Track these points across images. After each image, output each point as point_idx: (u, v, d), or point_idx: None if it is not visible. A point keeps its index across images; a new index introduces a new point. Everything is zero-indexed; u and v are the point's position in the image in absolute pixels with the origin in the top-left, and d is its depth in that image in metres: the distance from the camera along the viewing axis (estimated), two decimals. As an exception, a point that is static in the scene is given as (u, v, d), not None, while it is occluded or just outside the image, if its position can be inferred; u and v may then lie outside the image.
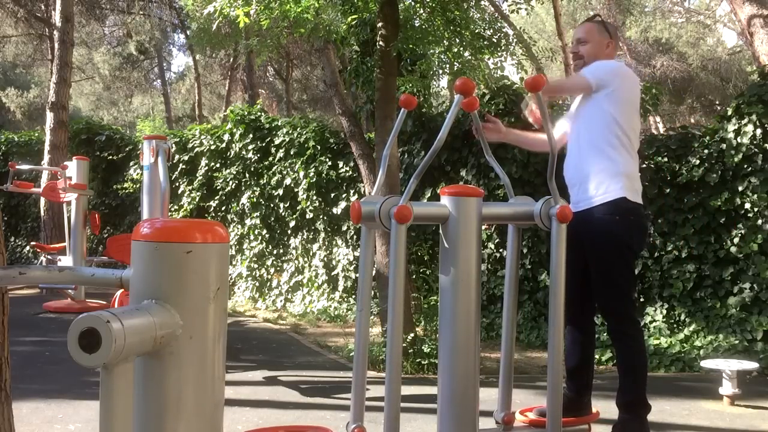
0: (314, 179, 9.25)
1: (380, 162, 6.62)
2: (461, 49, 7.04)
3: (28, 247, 12.74)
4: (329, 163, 9.24)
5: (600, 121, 3.14)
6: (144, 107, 34.34)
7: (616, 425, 3.03)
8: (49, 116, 11.91)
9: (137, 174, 11.39)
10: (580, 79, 3.20)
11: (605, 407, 4.28)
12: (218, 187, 10.58)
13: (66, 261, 8.86)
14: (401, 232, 2.50)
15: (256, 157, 10.11)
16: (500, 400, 2.91)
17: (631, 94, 3.20)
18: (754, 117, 6.51)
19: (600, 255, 3.09)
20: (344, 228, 9.16)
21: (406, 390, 5.25)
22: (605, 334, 5.41)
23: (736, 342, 6.27)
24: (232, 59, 22.67)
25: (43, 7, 19.99)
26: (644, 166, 6.83)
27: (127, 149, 12.10)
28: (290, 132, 9.81)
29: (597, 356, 6.40)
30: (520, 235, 3.04)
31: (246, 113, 10.43)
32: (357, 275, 8.92)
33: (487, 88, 8.10)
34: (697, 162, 6.77)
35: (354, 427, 2.65)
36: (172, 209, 10.73)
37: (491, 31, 7.18)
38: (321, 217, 9.34)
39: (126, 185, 11.75)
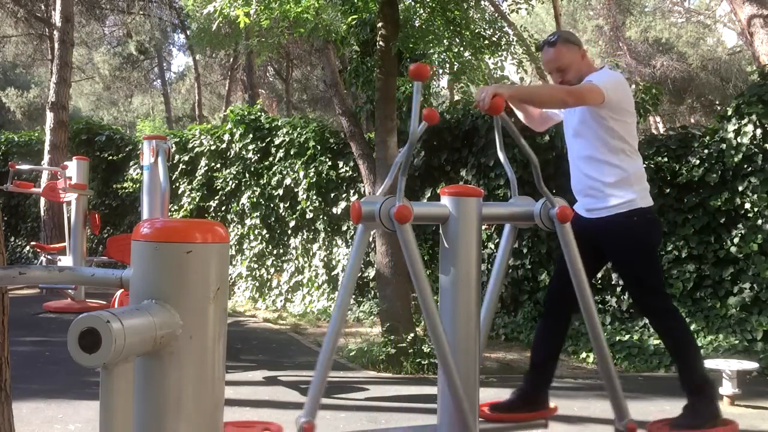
0: (314, 179, 9.25)
1: (380, 162, 6.63)
2: (461, 49, 7.05)
3: (28, 247, 12.73)
4: (329, 163, 9.24)
5: (604, 133, 3.14)
6: (144, 107, 34.34)
7: (687, 406, 3.11)
8: (49, 116, 11.91)
9: (137, 174, 11.39)
10: (594, 87, 3.06)
11: (606, 407, 4.27)
12: (218, 187, 10.58)
13: (66, 261, 8.85)
14: (407, 232, 2.48)
15: (256, 157, 10.11)
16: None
17: (629, 104, 3.21)
18: (754, 117, 6.51)
19: (626, 258, 3.19)
20: (344, 228, 9.16)
21: (406, 390, 5.25)
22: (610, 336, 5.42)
23: (736, 342, 6.27)
24: (232, 59, 22.67)
25: (43, 7, 19.98)
26: (644, 166, 6.82)
27: (127, 149, 12.10)
28: (290, 132, 9.81)
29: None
30: (515, 235, 3.04)
31: (246, 113, 10.43)
32: (357, 275, 8.92)
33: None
34: (697, 162, 6.76)
35: (303, 422, 2.61)
36: (172, 209, 10.72)
37: (491, 30, 7.18)
38: (321, 217, 9.34)
39: (126, 185, 11.75)
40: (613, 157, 3.14)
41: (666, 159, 6.95)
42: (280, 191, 9.71)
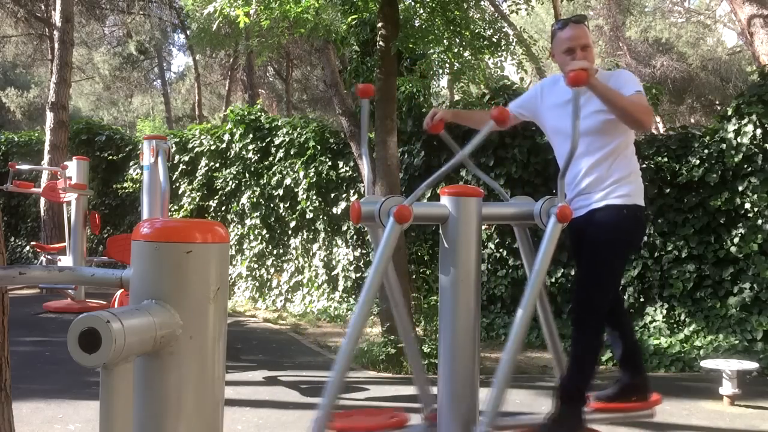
0: (314, 179, 9.25)
1: (380, 161, 6.63)
2: (461, 49, 7.04)
3: (28, 247, 12.73)
4: (329, 163, 9.24)
5: (602, 134, 3.11)
6: (144, 107, 34.34)
7: (553, 414, 2.99)
8: (49, 116, 11.90)
9: (137, 174, 11.39)
10: (644, 100, 3.01)
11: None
12: (218, 187, 10.58)
13: (66, 261, 8.86)
14: (395, 231, 2.49)
15: (256, 157, 10.11)
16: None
17: None
18: (754, 117, 6.51)
19: (596, 246, 3.03)
20: (344, 228, 9.16)
21: (406, 390, 5.25)
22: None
23: (736, 342, 6.27)
24: (232, 59, 22.66)
25: (43, 7, 19.98)
26: (644, 166, 6.83)
27: (127, 149, 12.10)
28: (290, 132, 9.81)
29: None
30: (526, 233, 3.03)
31: (246, 113, 10.43)
32: (357, 275, 8.92)
33: (487, 88, 8.09)
34: (697, 162, 6.76)
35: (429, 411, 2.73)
36: (172, 209, 10.72)
37: (491, 31, 7.18)
38: (321, 217, 9.34)
39: (126, 185, 11.75)
40: (611, 157, 3.12)
41: (666, 159, 6.95)
42: (280, 191, 9.71)
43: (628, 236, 3.09)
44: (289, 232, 9.81)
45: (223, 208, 10.64)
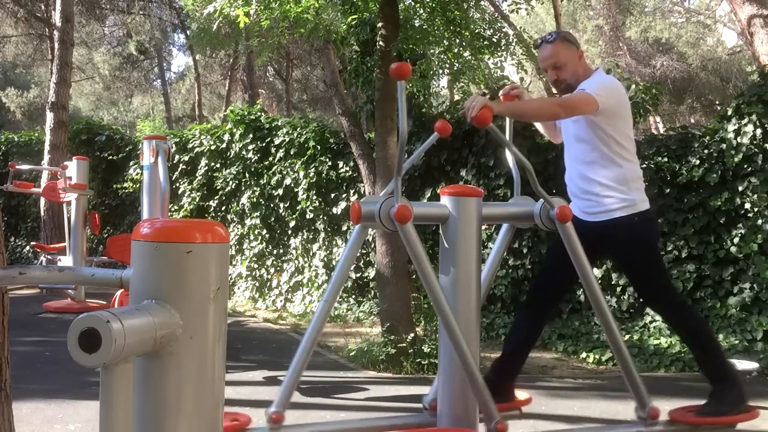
0: (314, 179, 9.25)
1: (380, 161, 6.63)
2: (461, 49, 7.05)
3: (28, 247, 12.73)
4: (329, 163, 9.24)
5: (601, 139, 3.15)
6: (144, 107, 34.34)
7: (712, 394, 3.14)
8: (49, 116, 11.90)
9: (137, 174, 11.39)
10: (586, 97, 3.04)
11: (606, 407, 4.29)
12: (218, 187, 10.58)
13: (66, 261, 8.85)
14: (409, 232, 2.48)
15: (256, 157, 10.11)
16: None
17: (624, 108, 3.21)
18: (754, 117, 6.51)
19: (632, 259, 3.25)
20: (344, 228, 9.16)
21: (406, 390, 5.25)
22: (604, 334, 5.42)
23: (736, 342, 6.27)
24: (232, 59, 22.67)
25: (43, 7, 19.98)
26: (644, 166, 6.82)
27: (127, 149, 12.10)
28: (290, 132, 9.81)
29: (597, 356, 6.40)
30: (512, 234, 3.05)
31: (246, 113, 10.43)
32: (357, 275, 8.92)
33: (487, 88, 8.09)
34: (697, 162, 6.76)
35: (272, 413, 2.67)
36: (172, 209, 10.73)
37: (491, 31, 7.18)
38: (321, 217, 9.34)
39: (126, 185, 11.75)
40: (611, 161, 3.14)
41: (666, 159, 6.95)
42: (280, 191, 9.71)
43: (647, 239, 3.24)
44: (289, 232, 9.81)
45: (223, 208, 10.64)
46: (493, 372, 3.24)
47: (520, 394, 3.27)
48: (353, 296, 8.94)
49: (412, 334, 6.27)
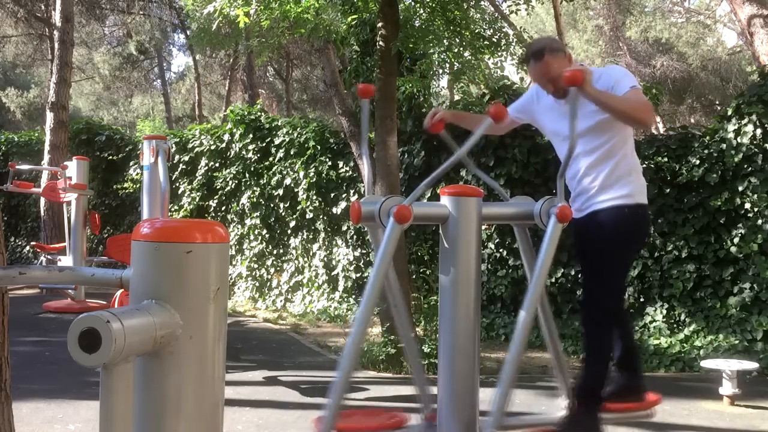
0: (314, 179, 9.25)
1: (380, 161, 6.63)
2: (461, 49, 7.05)
3: (28, 247, 12.73)
4: (329, 163, 9.24)
5: (600, 133, 3.09)
6: (144, 107, 34.32)
7: (570, 415, 3.01)
8: (49, 116, 11.91)
9: (137, 174, 11.38)
10: (640, 96, 2.97)
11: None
12: (218, 187, 10.58)
13: (66, 261, 8.85)
14: (396, 231, 2.49)
15: (256, 157, 10.11)
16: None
17: None
18: (754, 117, 6.51)
19: (598, 246, 3.04)
20: (344, 228, 9.16)
21: (406, 390, 5.25)
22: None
23: (736, 342, 6.27)
24: (232, 59, 22.66)
25: (43, 7, 19.97)
26: (644, 166, 6.83)
27: (127, 149, 12.10)
28: (290, 132, 9.81)
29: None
30: (526, 233, 3.03)
31: (246, 113, 10.43)
32: (357, 275, 8.92)
33: (487, 88, 8.09)
34: (697, 162, 6.76)
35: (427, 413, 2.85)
36: (172, 209, 10.72)
37: (491, 31, 7.18)
38: (321, 217, 9.34)
39: (126, 185, 11.75)
40: (609, 155, 3.10)
41: (666, 159, 6.95)
42: (280, 191, 9.71)
43: (629, 236, 3.07)
44: (289, 232, 9.81)
45: (223, 208, 10.64)
46: (619, 377, 3.21)
47: (651, 396, 3.25)
48: (353, 296, 8.94)
49: (412, 335, 6.27)
